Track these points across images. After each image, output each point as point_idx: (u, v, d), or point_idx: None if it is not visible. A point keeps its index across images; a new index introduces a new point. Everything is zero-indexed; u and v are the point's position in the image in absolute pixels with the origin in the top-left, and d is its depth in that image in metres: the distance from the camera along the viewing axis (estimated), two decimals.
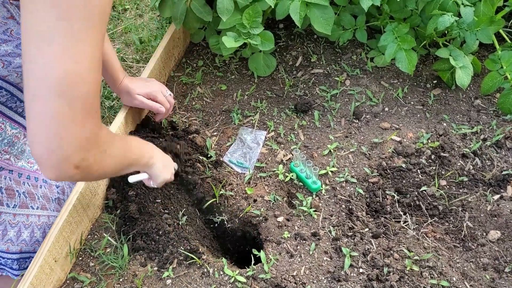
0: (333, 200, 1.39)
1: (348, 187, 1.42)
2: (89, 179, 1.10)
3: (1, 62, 0.93)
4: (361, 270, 1.22)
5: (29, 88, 0.74)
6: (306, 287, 1.19)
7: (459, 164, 1.46)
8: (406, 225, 1.33)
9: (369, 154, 1.50)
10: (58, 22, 0.70)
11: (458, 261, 1.25)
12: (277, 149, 1.53)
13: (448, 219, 1.34)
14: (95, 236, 1.33)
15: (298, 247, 1.28)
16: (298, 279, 1.21)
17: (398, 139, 1.54)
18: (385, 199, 1.39)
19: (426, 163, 1.46)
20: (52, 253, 1.17)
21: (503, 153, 1.48)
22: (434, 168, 1.45)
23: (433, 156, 1.48)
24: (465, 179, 1.42)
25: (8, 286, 1.27)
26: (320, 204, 1.38)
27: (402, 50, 1.58)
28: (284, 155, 1.51)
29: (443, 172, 1.44)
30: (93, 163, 0.83)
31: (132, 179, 1.17)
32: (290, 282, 1.19)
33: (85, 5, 0.71)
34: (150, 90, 1.48)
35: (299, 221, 1.34)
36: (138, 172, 1.19)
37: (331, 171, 1.45)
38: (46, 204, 1.28)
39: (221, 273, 1.23)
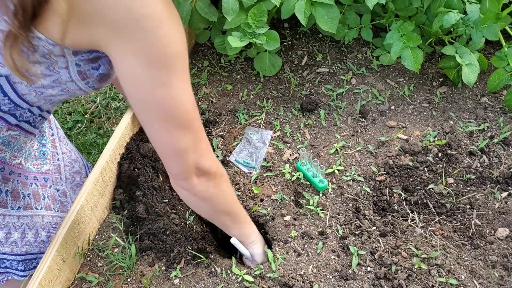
0: (340, 199, 1.39)
1: (355, 186, 1.42)
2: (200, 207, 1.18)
3: (34, 92, 0.94)
4: (369, 269, 1.22)
5: (158, 133, 0.94)
6: (313, 286, 1.19)
7: (466, 161, 1.45)
8: (413, 223, 1.32)
9: (375, 152, 1.50)
10: (155, 71, 0.85)
11: (466, 259, 1.25)
12: (284, 149, 1.53)
13: (456, 217, 1.34)
14: (103, 237, 1.33)
15: (306, 246, 1.28)
16: (305, 278, 1.20)
17: (404, 137, 1.53)
18: (392, 198, 1.39)
19: (433, 161, 1.46)
20: (61, 253, 1.18)
21: (511, 150, 1.47)
22: (441, 166, 1.44)
23: (440, 154, 1.47)
24: (473, 176, 1.41)
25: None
26: (327, 203, 1.38)
27: (407, 48, 1.58)
28: (290, 154, 1.51)
29: (450, 170, 1.43)
30: (203, 190, 1.03)
31: (234, 240, 1.23)
32: (298, 281, 1.19)
33: (180, 70, 0.87)
34: None
35: (306, 220, 1.34)
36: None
37: (338, 170, 1.45)
38: (51, 205, 1.28)
39: (229, 272, 1.23)
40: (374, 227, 1.31)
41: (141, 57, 0.81)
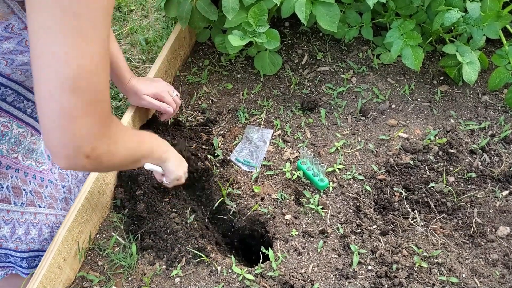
0: (340, 198, 1.39)
1: (356, 185, 1.42)
2: (100, 169, 1.11)
3: (3, 60, 0.92)
4: (369, 267, 1.22)
5: (40, 85, 0.76)
6: (314, 284, 1.19)
7: (467, 160, 1.45)
8: (414, 222, 1.32)
9: (376, 151, 1.50)
10: (66, 21, 0.72)
11: (467, 257, 1.24)
12: (284, 147, 1.53)
13: (456, 216, 1.34)
14: (104, 235, 1.33)
15: (306, 245, 1.28)
16: (306, 276, 1.20)
17: (405, 136, 1.53)
18: (393, 196, 1.38)
19: (434, 160, 1.45)
20: (61, 252, 1.18)
21: (511, 149, 1.47)
22: (442, 164, 1.44)
23: (440, 153, 1.47)
24: (474, 175, 1.41)
25: (17, 285, 1.28)
26: (328, 202, 1.38)
27: (408, 47, 1.58)
28: (291, 153, 1.51)
29: (451, 169, 1.43)
30: (104, 153, 0.86)
31: (148, 166, 1.20)
32: (299, 280, 1.19)
33: (90, 3, 0.72)
34: (157, 91, 1.48)
35: (306, 218, 1.34)
36: None
37: (338, 169, 1.45)
38: (53, 203, 1.28)
39: (229, 271, 1.23)
40: (375, 226, 1.31)
41: None
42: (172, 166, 1.23)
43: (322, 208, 1.35)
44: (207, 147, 1.54)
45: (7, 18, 0.88)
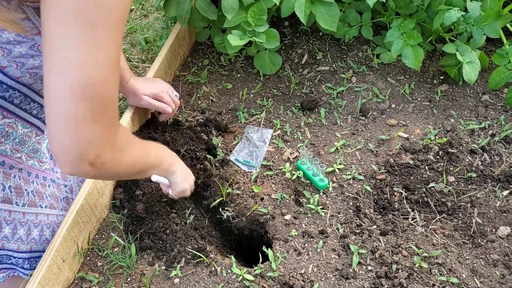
0: (340, 198, 1.38)
1: (356, 184, 1.41)
2: (104, 177, 1.12)
3: (14, 63, 0.92)
4: (369, 268, 1.22)
5: (50, 89, 0.78)
6: (314, 285, 1.18)
7: (467, 160, 1.45)
8: (414, 222, 1.32)
9: (376, 151, 1.50)
10: (81, 28, 0.73)
11: (467, 257, 1.24)
12: (284, 147, 1.53)
13: (457, 216, 1.33)
14: (103, 236, 1.33)
15: (306, 245, 1.28)
16: (306, 277, 1.20)
17: (405, 135, 1.53)
18: (393, 196, 1.38)
19: (434, 160, 1.45)
20: (60, 253, 1.17)
21: None
22: (442, 164, 1.44)
23: (441, 152, 1.46)
24: (474, 175, 1.41)
25: (18, 286, 1.27)
26: (328, 202, 1.37)
27: (408, 46, 1.57)
28: (290, 153, 1.51)
29: (451, 168, 1.43)
30: (108, 161, 0.88)
31: (155, 177, 1.20)
32: (298, 280, 1.19)
33: (106, 11, 0.74)
34: (157, 91, 1.48)
35: (306, 219, 1.34)
36: None
37: (338, 169, 1.45)
38: (55, 203, 1.28)
39: (229, 271, 1.22)
40: (375, 226, 1.31)
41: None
42: (179, 179, 1.23)
43: (322, 208, 1.35)
44: (206, 147, 1.54)
45: (21, 24, 0.89)
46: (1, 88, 0.96)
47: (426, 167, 1.44)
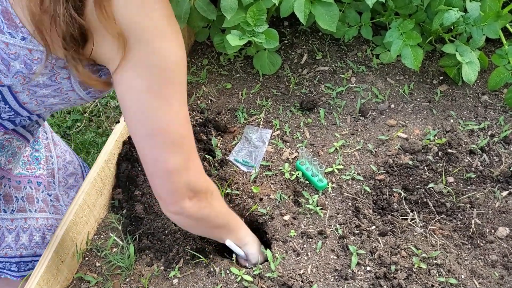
0: (339, 198, 1.38)
1: (355, 185, 1.41)
2: (199, 221, 1.13)
3: (35, 101, 0.94)
4: (368, 268, 1.21)
5: (149, 150, 0.91)
6: (313, 285, 1.18)
7: (466, 160, 1.45)
8: (413, 223, 1.32)
9: (375, 151, 1.49)
10: (157, 99, 0.85)
11: (466, 258, 1.24)
12: (283, 148, 1.53)
13: (456, 216, 1.33)
14: (101, 236, 1.33)
15: (305, 246, 1.27)
16: (305, 277, 1.20)
17: (404, 136, 1.53)
18: (392, 197, 1.38)
19: (433, 160, 1.45)
20: (59, 253, 1.17)
21: (511, 149, 1.47)
22: (441, 165, 1.44)
23: (440, 153, 1.46)
24: (473, 175, 1.40)
25: (8, 287, 1.27)
26: (327, 202, 1.37)
27: (407, 46, 1.57)
28: (290, 153, 1.51)
29: (450, 169, 1.43)
30: (204, 200, 1.01)
31: (228, 242, 1.22)
32: (297, 281, 1.19)
33: (178, 83, 0.87)
34: None
35: (305, 219, 1.34)
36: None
37: (337, 169, 1.45)
38: (45, 207, 1.28)
39: (228, 272, 1.22)
40: (374, 227, 1.30)
41: (140, 69, 0.82)
42: (254, 250, 1.25)
43: (321, 209, 1.35)
44: (205, 147, 1.53)
45: (61, 82, 0.91)
46: (13, 115, 0.97)
47: (425, 167, 1.43)
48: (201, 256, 1.24)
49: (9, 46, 0.81)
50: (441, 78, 1.71)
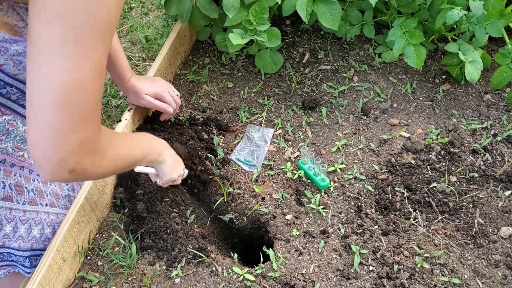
0: (341, 198, 1.38)
1: (357, 184, 1.41)
2: (84, 180, 1.11)
3: (12, 61, 0.93)
4: (371, 268, 1.21)
5: (33, 94, 0.76)
6: (315, 285, 1.18)
7: (469, 160, 1.44)
8: (416, 222, 1.31)
9: (378, 150, 1.49)
10: (66, 34, 0.72)
11: (469, 258, 1.24)
12: (285, 147, 1.52)
13: (458, 216, 1.33)
14: (103, 235, 1.33)
15: (307, 245, 1.27)
16: (307, 277, 1.20)
17: (407, 135, 1.52)
18: (395, 196, 1.37)
19: (436, 159, 1.44)
20: (61, 252, 1.17)
21: None
22: (444, 164, 1.43)
23: (442, 152, 1.46)
24: (476, 175, 1.40)
25: (19, 284, 1.27)
26: (329, 202, 1.37)
27: (410, 45, 1.57)
28: (292, 152, 1.50)
29: (453, 168, 1.42)
30: (89, 167, 0.86)
31: (138, 169, 1.19)
32: (299, 280, 1.18)
33: (93, 17, 0.72)
34: (158, 90, 1.47)
35: (307, 218, 1.33)
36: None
37: (340, 168, 1.44)
38: (55, 202, 1.28)
39: (230, 271, 1.22)
40: (376, 226, 1.30)
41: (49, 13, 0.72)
42: (166, 168, 1.21)
43: (323, 208, 1.34)
44: (207, 146, 1.53)
45: (16, 24, 0.88)
46: (3, 90, 0.96)
47: (428, 167, 1.43)
48: (203, 255, 1.24)
49: None
50: (444, 77, 1.70)
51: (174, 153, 1.25)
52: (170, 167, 1.21)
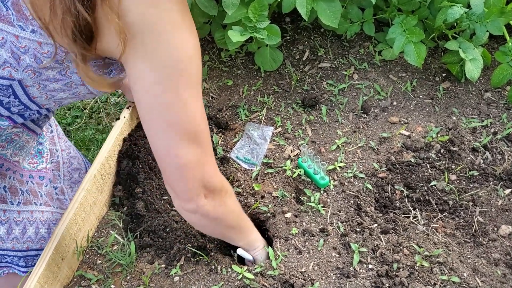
0: (341, 196, 1.37)
1: (357, 183, 1.40)
2: (215, 220, 1.11)
3: (45, 95, 0.94)
4: (370, 266, 1.21)
5: (161, 143, 0.90)
6: (314, 283, 1.18)
7: (469, 158, 1.44)
8: (415, 221, 1.31)
9: (377, 149, 1.49)
10: (169, 91, 0.85)
11: (469, 256, 1.23)
12: (285, 145, 1.52)
13: (458, 214, 1.32)
14: (102, 234, 1.32)
15: (307, 243, 1.27)
16: (306, 275, 1.19)
17: (407, 133, 1.52)
18: (394, 194, 1.37)
19: (436, 158, 1.44)
20: (59, 251, 1.17)
21: None
22: (443, 162, 1.43)
23: (442, 150, 1.46)
24: (476, 173, 1.40)
25: (15, 284, 1.27)
26: (328, 200, 1.36)
27: (410, 43, 1.56)
28: (291, 150, 1.50)
29: (453, 167, 1.42)
30: (218, 199, 1.01)
31: (240, 251, 1.22)
32: (299, 279, 1.18)
33: (190, 75, 0.85)
34: None
35: (307, 217, 1.33)
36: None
37: (339, 167, 1.44)
38: (49, 201, 1.28)
39: (229, 269, 1.22)
40: (376, 224, 1.30)
41: (152, 61, 0.80)
42: (263, 257, 1.24)
43: (323, 207, 1.34)
44: None
45: (70, 76, 0.91)
46: (22, 109, 0.96)
47: (427, 165, 1.43)
48: (203, 254, 1.24)
49: (19, 39, 0.80)
50: (444, 75, 1.70)
51: (265, 242, 1.28)
52: (265, 256, 1.25)
